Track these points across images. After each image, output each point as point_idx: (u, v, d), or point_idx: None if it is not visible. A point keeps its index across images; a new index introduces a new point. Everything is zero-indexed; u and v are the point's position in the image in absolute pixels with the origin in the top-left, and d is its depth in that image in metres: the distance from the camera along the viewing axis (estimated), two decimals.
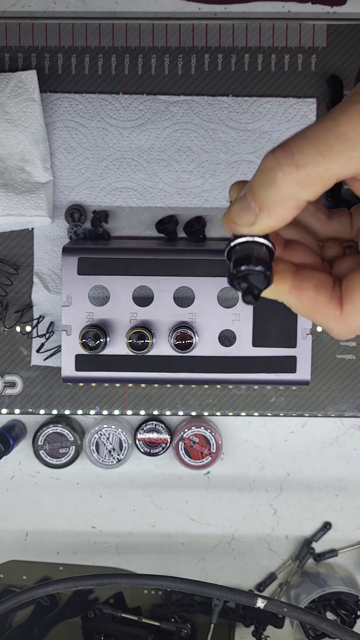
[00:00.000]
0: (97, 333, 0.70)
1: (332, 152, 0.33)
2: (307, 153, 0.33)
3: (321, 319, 0.38)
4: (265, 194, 0.34)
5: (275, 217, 0.35)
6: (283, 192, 0.34)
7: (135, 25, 0.73)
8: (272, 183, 0.34)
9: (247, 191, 0.35)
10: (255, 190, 0.35)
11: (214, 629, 0.78)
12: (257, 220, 0.35)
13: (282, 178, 0.34)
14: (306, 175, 0.33)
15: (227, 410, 0.77)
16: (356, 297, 0.37)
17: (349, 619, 0.79)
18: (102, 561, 0.83)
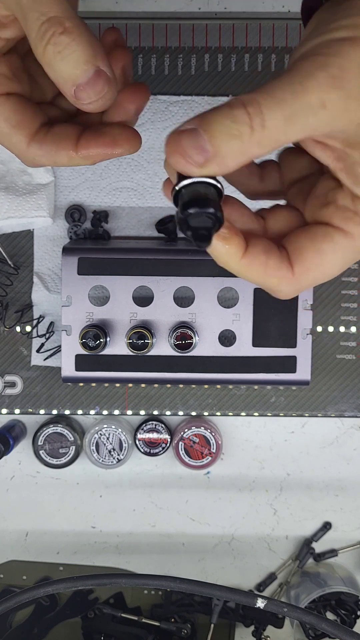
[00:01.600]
0: (97, 333, 0.70)
1: (295, 118, 0.34)
2: (274, 116, 0.33)
3: (272, 282, 0.39)
4: (226, 144, 0.34)
5: (223, 167, 0.34)
6: (243, 147, 0.34)
7: (135, 25, 0.73)
8: (238, 136, 0.33)
9: (203, 130, 0.34)
10: (215, 135, 0.33)
11: (214, 629, 0.78)
12: (206, 163, 0.34)
13: (249, 135, 0.33)
14: (268, 135, 0.34)
15: (227, 410, 0.77)
16: (306, 256, 0.38)
17: (349, 619, 0.79)
18: (102, 561, 0.83)
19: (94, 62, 0.39)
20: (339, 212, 0.38)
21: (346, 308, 0.76)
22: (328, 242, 0.38)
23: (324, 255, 0.38)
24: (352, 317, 0.76)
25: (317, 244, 0.38)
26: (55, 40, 0.38)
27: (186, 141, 0.34)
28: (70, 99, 0.40)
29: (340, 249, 0.38)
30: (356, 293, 0.76)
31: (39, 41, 0.39)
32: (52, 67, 0.39)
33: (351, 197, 0.37)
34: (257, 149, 0.34)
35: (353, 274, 0.76)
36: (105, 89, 0.40)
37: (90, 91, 0.40)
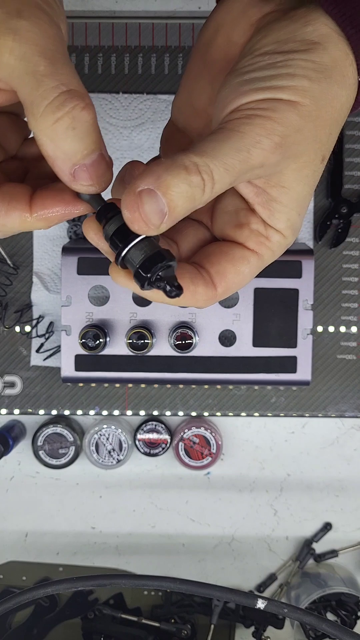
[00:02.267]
0: (96, 333, 0.70)
1: (239, 179, 0.38)
2: (223, 180, 0.37)
3: (198, 304, 0.42)
4: (181, 206, 0.36)
5: (173, 223, 0.37)
6: (194, 206, 0.36)
7: (135, 25, 0.73)
8: (192, 198, 0.36)
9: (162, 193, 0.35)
10: (173, 199, 0.35)
11: (214, 629, 0.78)
12: (163, 224, 0.36)
13: (200, 196, 0.36)
14: (215, 193, 0.37)
15: (227, 410, 0.77)
16: (228, 277, 0.42)
17: (350, 620, 0.79)
18: (101, 562, 0.82)
19: (100, 144, 0.38)
20: (253, 236, 0.42)
21: (347, 308, 0.76)
22: (245, 264, 0.42)
23: (242, 274, 0.42)
24: (353, 317, 0.76)
25: (237, 266, 0.42)
26: (74, 114, 0.36)
27: (147, 206, 0.35)
28: (65, 176, 0.38)
29: (253, 268, 0.43)
30: (356, 293, 0.76)
31: (52, 112, 0.36)
32: (56, 142, 0.37)
33: (263, 224, 0.42)
34: (202, 204, 0.37)
35: (353, 274, 0.76)
36: (107, 173, 0.39)
37: (93, 173, 0.38)
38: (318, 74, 0.38)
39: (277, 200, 0.41)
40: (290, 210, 0.41)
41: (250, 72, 0.39)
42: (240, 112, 0.38)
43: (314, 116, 0.38)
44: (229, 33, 0.43)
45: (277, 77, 0.38)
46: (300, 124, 0.38)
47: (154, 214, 0.35)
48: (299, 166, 0.40)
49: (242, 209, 0.43)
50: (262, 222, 0.42)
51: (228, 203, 0.43)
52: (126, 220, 0.36)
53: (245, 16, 0.42)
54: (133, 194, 0.35)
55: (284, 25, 0.40)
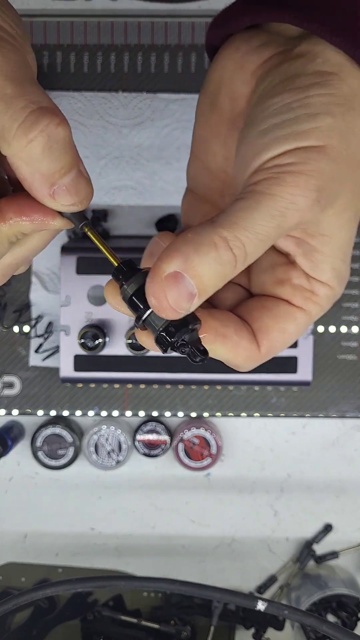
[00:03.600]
0: (96, 333, 0.69)
1: (272, 243, 0.35)
2: (258, 251, 0.34)
3: (239, 360, 0.40)
4: (213, 285, 0.34)
5: (206, 298, 0.35)
6: (226, 280, 0.35)
7: (134, 23, 0.73)
8: (224, 277, 0.34)
9: (190, 276, 0.33)
10: (204, 280, 0.33)
11: (214, 631, 0.77)
12: (194, 305, 0.34)
13: (233, 272, 0.34)
14: (249, 262, 0.35)
15: (227, 411, 0.76)
16: (272, 336, 0.39)
17: (350, 621, 0.79)
18: (101, 563, 0.82)
19: (77, 161, 0.36)
20: (297, 292, 0.39)
21: (347, 308, 0.75)
22: (291, 321, 0.39)
23: (287, 333, 0.40)
24: (354, 317, 0.75)
25: (282, 324, 0.39)
26: (49, 132, 0.34)
27: (176, 292, 0.33)
28: (44, 198, 0.35)
29: (301, 325, 0.40)
30: (357, 293, 0.75)
31: (24, 134, 0.33)
32: (32, 164, 0.34)
33: (306, 277, 0.39)
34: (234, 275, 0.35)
35: (354, 274, 0.75)
36: (87, 190, 0.36)
37: (73, 192, 0.35)
38: (340, 107, 0.35)
39: (319, 251, 0.38)
40: (335, 259, 0.38)
41: (266, 120, 0.36)
42: (267, 171, 0.35)
43: (345, 156, 0.35)
44: (230, 89, 0.40)
45: (296, 120, 0.35)
46: (334, 170, 0.35)
47: (182, 299, 0.34)
48: (338, 211, 0.37)
49: (281, 264, 0.40)
50: (304, 276, 0.39)
51: (264, 258, 0.40)
52: (152, 307, 0.34)
53: (244, 68, 0.40)
54: (159, 279, 0.33)
55: (289, 63, 0.37)
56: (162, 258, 0.34)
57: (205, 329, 0.37)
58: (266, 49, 0.39)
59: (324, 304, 0.39)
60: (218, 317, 0.38)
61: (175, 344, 0.35)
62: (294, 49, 0.37)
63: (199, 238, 0.33)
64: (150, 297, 0.34)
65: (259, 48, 0.39)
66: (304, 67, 0.36)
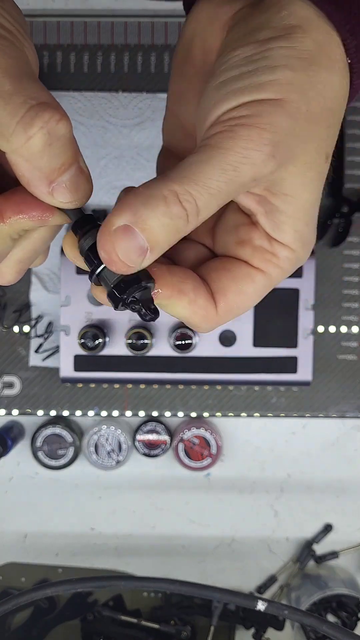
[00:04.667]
0: (96, 333, 0.69)
1: (232, 197, 0.34)
2: (209, 205, 0.33)
3: (196, 319, 0.38)
4: (165, 239, 0.33)
5: (158, 254, 0.34)
6: (178, 235, 0.34)
7: (134, 23, 0.73)
8: (176, 231, 0.33)
9: (140, 229, 0.33)
10: (154, 233, 0.33)
11: (214, 631, 0.77)
12: (145, 259, 0.33)
13: (185, 225, 0.33)
14: (201, 219, 0.34)
15: (227, 411, 0.76)
16: (229, 297, 0.38)
17: (350, 621, 0.79)
18: (101, 563, 0.82)
19: (77, 157, 0.35)
20: (257, 253, 0.38)
21: (348, 308, 0.75)
22: (250, 283, 0.38)
23: (245, 295, 0.38)
24: (354, 317, 0.75)
25: (240, 285, 0.38)
26: (50, 128, 0.33)
27: (125, 244, 0.33)
28: (43, 195, 0.35)
29: (260, 287, 0.38)
30: (357, 293, 0.75)
31: (23, 130, 0.33)
32: (31, 161, 0.33)
33: (268, 238, 0.38)
34: (189, 232, 0.34)
35: (354, 274, 0.75)
36: (87, 186, 0.36)
37: (72, 189, 0.35)
38: (301, 61, 0.34)
39: (281, 210, 0.37)
40: (297, 220, 0.37)
41: (225, 72, 0.35)
42: (222, 124, 0.34)
43: (305, 111, 0.34)
44: (203, 41, 0.39)
45: (255, 72, 0.34)
46: (291, 125, 0.34)
47: (132, 252, 0.33)
48: (300, 170, 0.35)
49: (243, 224, 0.39)
50: (266, 237, 0.38)
51: (228, 218, 0.40)
52: (103, 260, 0.34)
53: (215, 19, 0.39)
54: (108, 232, 0.33)
55: (255, 16, 0.36)
56: (113, 211, 0.33)
57: (161, 284, 0.37)
58: (237, 0, 0.38)
59: (285, 267, 0.38)
60: (177, 273, 0.37)
61: (126, 300, 0.35)
62: (263, 1, 0.36)
63: (149, 191, 0.33)
64: (100, 250, 0.33)
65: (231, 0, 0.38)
66: (268, 20, 0.35)
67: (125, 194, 0.34)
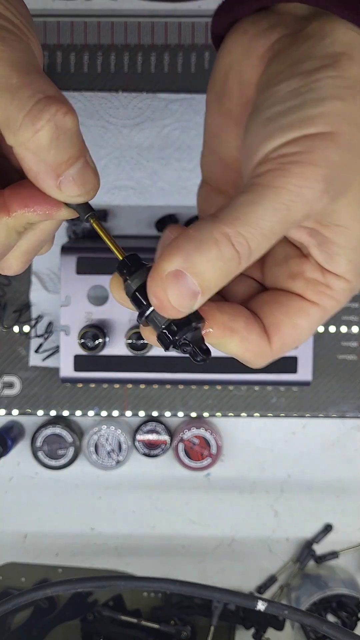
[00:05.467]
0: (96, 333, 0.69)
1: (280, 237, 0.33)
2: (263, 247, 0.33)
3: (249, 356, 0.38)
4: (216, 282, 0.33)
5: (210, 295, 0.33)
6: (230, 277, 0.33)
7: (134, 23, 0.73)
8: (228, 274, 0.33)
9: (191, 274, 0.32)
10: (206, 278, 0.32)
11: (214, 631, 0.77)
12: (197, 303, 0.33)
13: (237, 268, 0.33)
14: (255, 259, 0.33)
15: (227, 411, 0.76)
16: (284, 331, 0.37)
17: (350, 621, 0.79)
18: (101, 563, 0.82)
19: (84, 150, 0.35)
20: (310, 286, 0.37)
21: (348, 308, 0.75)
22: (304, 317, 0.38)
23: (300, 328, 0.38)
24: (354, 317, 0.75)
25: (294, 319, 0.38)
26: (57, 121, 0.33)
27: (176, 291, 0.32)
28: (50, 189, 0.35)
29: (314, 320, 0.38)
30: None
31: (31, 123, 0.33)
32: (38, 153, 0.33)
33: (321, 270, 0.37)
34: (240, 271, 0.33)
35: None
36: (94, 180, 0.35)
37: (80, 183, 0.34)
38: (350, 90, 0.33)
39: (334, 242, 0.36)
40: (351, 250, 0.36)
41: (271, 107, 0.34)
42: (272, 162, 0.33)
43: (357, 142, 0.33)
44: (239, 75, 0.38)
45: (303, 105, 0.33)
46: (343, 158, 0.33)
47: (184, 297, 0.32)
48: (352, 200, 0.34)
49: (294, 257, 0.38)
50: (319, 269, 0.37)
51: (278, 251, 0.39)
52: (154, 306, 0.33)
53: (252, 51, 0.38)
54: (160, 278, 0.32)
55: (296, 47, 0.35)
56: (163, 256, 0.33)
57: (212, 323, 0.36)
58: (274, 30, 0.37)
59: (340, 298, 0.38)
60: (227, 310, 0.37)
61: (178, 342, 0.34)
62: (303, 29, 0.36)
63: (199, 235, 0.32)
64: (151, 296, 0.33)
65: (267, 30, 0.37)
66: (312, 50, 0.34)
67: (174, 238, 0.34)
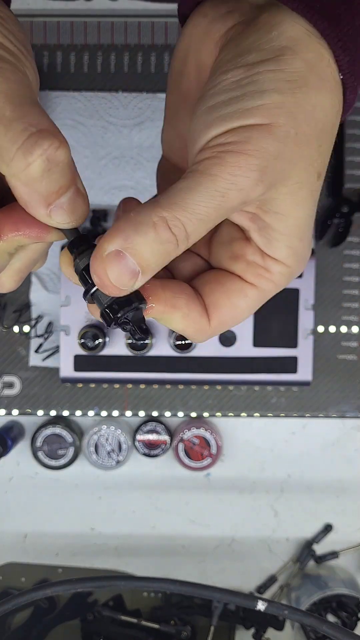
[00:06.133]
0: (95, 333, 0.69)
1: (221, 219, 0.35)
2: (200, 231, 0.34)
3: (189, 332, 0.39)
4: (155, 262, 0.34)
5: (150, 276, 0.35)
6: (168, 258, 0.35)
7: (134, 23, 0.73)
8: (167, 255, 0.34)
9: (131, 254, 0.34)
10: (144, 258, 0.34)
11: (214, 631, 0.77)
12: (137, 282, 0.34)
13: (176, 250, 0.34)
14: (193, 242, 0.35)
15: (227, 411, 0.76)
16: (222, 310, 0.39)
17: (350, 621, 0.79)
18: (101, 563, 0.82)
19: (75, 179, 0.36)
20: (250, 268, 0.39)
21: (348, 308, 0.75)
22: (243, 297, 0.39)
23: (238, 309, 0.39)
24: (354, 317, 0.75)
25: (233, 299, 0.39)
26: (49, 155, 0.33)
27: (117, 269, 0.34)
28: (41, 217, 0.36)
29: (252, 302, 0.39)
30: (357, 293, 0.75)
31: (23, 157, 0.33)
32: (31, 185, 0.34)
33: (261, 254, 0.38)
34: (179, 254, 0.35)
35: (354, 274, 0.75)
36: (84, 207, 0.36)
37: (70, 211, 0.35)
38: (290, 83, 0.34)
39: (274, 228, 0.37)
40: (290, 237, 0.38)
41: (215, 96, 0.35)
42: (210, 150, 0.34)
43: (294, 134, 0.34)
44: (197, 57, 0.40)
45: (243, 97, 0.34)
46: (279, 148, 0.34)
47: (124, 276, 0.34)
48: (291, 189, 0.36)
49: (237, 239, 0.40)
50: (259, 253, 0.39)
51: (223, 232, 0.40)
52: (96, 284, 0.35)
53: (209, 35, 0.39)
54: (100, 257, 0.34)
55: (246, 36, 0.36)
56: (105, 237, 0.34)
57: (155, 299, 0.38)
58: (231, 17, 0.38)
59: (278, 282, 0.39)
60: (170, 287, 0.38)
61: (118, 320, 0.36)
62: (255, 19, 0.36)
63: (139, 217, 0.34)
64: (93, 274, 0.35)
65: (225, 16, 0.38)
66: (258, 41, 0.35)
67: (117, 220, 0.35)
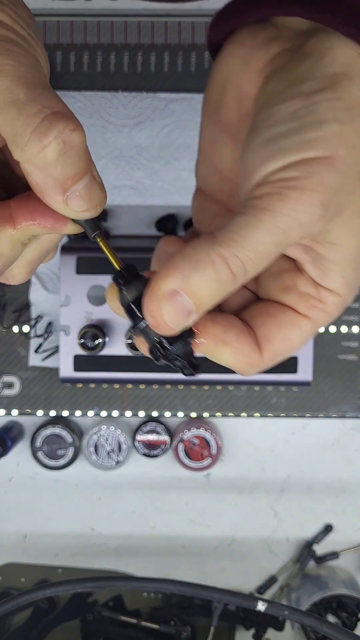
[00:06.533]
0: (95, 333, 0.69)
1: (275, 258, 0.34)
2: (258, 268, 0.34)
3: (239, 367, 0.38)
4: (211, 301, 0.33)
5: (205, 313, 0.34)
6: (226, 296, 0.34)
7: (134, 23, 0.73)
8: (223, 293, 0.33)
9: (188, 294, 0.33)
10: (202, 298, 0.33)
11: (214, 631, 0.77)
12: (191, 321, 0.34)
13: (232, 288, 0.34)
14: (250, 279, 0.34)
15: (227, 411, 0.76)
16: (274, 343, 0.38)
17: (350, 622, 0.79)
18: (101, 563, 0.82)
19: (91, 166, 0.35)
20: (303, 299, 0.38)
21: (348, 308, 0.75)
22: (296, 329, 0.38)
23: (291, 341, 0.38)
24: (354, 317, 0.75)
25: (285, 332, 0.38)
26: (65, 138, 0.33)
27: (173, 310, 0.33)
28: (57, 205, 0.35)
29: (306, 333, 0.39)
30: (357, 293, 0.75)
31: (38, 140, 0.33)
32: (45, 170, 0.33)
33: (314, 285, 0.38)
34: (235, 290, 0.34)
35: None
36: (101, 195, 0.36)
37: (87, 198, 0.35)
38: (349, 112, 0.33)
39: (328, 258, 0.36)
40: (345, 267, 0.37)
41: (271, 128, 0.34)
42: (270, 186, 0.33)
43: (354, 165, 0.33)
44: (237, 87, 0.38)
45: (302, 129, 0.33)
46: (341, 182, 0.33)
47: (178, 316, 0.33)
48: (347, 219, 0.35)
49: (288, 270, 0.38)
50: (312, 283, 0.38)
51: (272, 264, 0.38)
52: (149, 323, 0.34)
53: (250, 65, 0.37)
54: (156, 297, 0.33)
55: (296, 64, 0.35)
56: (160, 275, 0.33)
57: (205, 334, 0.37)
58: (273, 44, 0.37)
59: (331, 312, 0.38)
60: (220, 322, 0.38)
61: (168, 356, 0.35)
62: (302, 46, 0.35)
63: (197, 255, 0.33)
64: (147, 313, 0.34)
65: (266, 43, 0.37)
66: (311, 69, 0.34)
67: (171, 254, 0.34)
